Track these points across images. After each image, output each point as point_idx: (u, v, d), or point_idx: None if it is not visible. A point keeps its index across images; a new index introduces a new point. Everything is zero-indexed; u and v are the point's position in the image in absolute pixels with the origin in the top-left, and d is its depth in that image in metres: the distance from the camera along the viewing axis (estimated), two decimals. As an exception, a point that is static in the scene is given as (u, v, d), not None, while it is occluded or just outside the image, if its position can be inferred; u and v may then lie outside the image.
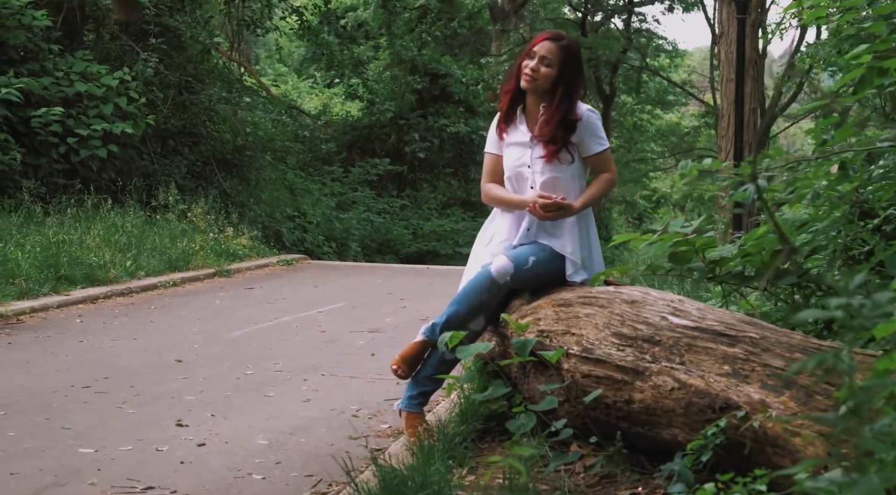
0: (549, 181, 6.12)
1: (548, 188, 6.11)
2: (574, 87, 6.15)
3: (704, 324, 4.96)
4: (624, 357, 5.15)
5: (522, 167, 6.20)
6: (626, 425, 5.17)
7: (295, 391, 8.05)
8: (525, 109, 6.30)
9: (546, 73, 6.11)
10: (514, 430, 5.43)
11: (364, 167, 29.56)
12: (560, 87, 6.13)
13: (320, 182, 27.78)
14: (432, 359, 6.11)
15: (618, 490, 4.96)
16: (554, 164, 6.12)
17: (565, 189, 6.13)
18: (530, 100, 6.26)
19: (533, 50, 6.14)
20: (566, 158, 6.14)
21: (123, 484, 5.62)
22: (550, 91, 6.15)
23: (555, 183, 6.12)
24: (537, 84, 6.13)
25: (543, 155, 6.12)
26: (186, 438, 6.58)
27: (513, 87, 6.27)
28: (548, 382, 5.59)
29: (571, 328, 5.57)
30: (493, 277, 5.98)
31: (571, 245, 6.09)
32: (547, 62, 6.10)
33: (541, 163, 6.14)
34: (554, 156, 6.12)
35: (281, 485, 5.73)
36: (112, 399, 7.58)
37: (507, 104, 6.32)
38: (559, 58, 6.10)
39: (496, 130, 6.38)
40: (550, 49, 6.11)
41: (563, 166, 6.12)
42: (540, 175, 6.13)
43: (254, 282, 15.31)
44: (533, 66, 6.09)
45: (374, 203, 28.54)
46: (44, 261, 12.75)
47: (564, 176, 6.13)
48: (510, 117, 6.33)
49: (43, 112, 16.08)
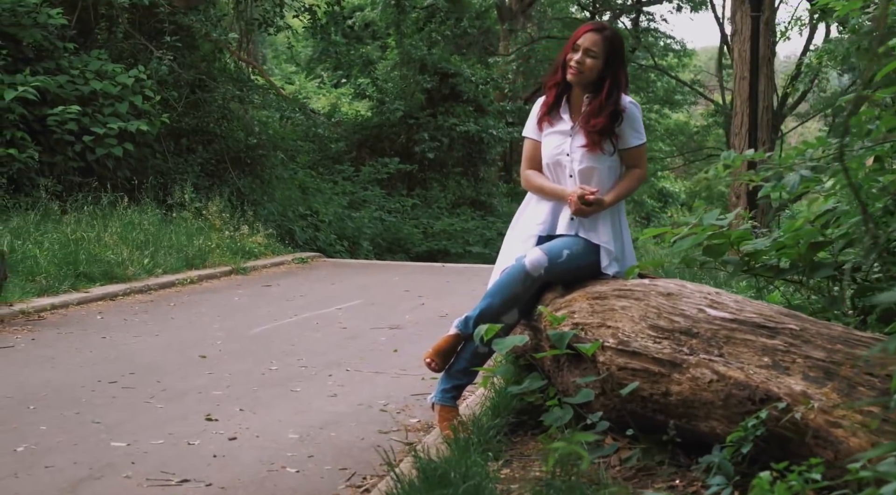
0: (586, 170, 6.11)
1: (585, 178, 6.12)
2: (619, 78, 6.15)
3: (743, 316, 4.94)
4: (661, 349, 5.14)
5: (561, 155, 6.19)
6: (663, 417, 5.16)
7: (321, 386, 8.06)
8: (569, 99, 6.30)
9: (591, 65, 6.10)
10: (550, 423, 5.43)
11: (374, 166, 29.54)
12: (607, 78, 6.13)
13: (331, 181, 27.76)
14: (465, 352, 6.11)
15: (655, 482, 4.95)
16: (595, 154, 6.11)
17: (602, 180, 6.13)
18: (575, 91, 6.26)
19: (577, 43, 6.13)
20: (608, 149, 6.14)
21: (158, 477, 5.63)
22: (595, 82, 6.15)
23: (592, 173, 6.12)
24: (583, 76, 6.12)
25: (585, 144, 6.11)
26: (217, 432, 6.59)
27: (559, 80, 6.25)
28: (582, 375, 5.58)
29: (607, 321, 5.56)
30: (528, 270, 5.97)
31: (606, 236, 6.09)
32: (592, 54, 6.10)
33: (581, 153, 6.12)
34: (597, 145, 6.12)
35: (315, 479, 5.73)
36: (139, 394, 7.60)
37: (554, 98, 6.31)
38: (604, 49, 6.09)
39: (537, 119, 6.37)
40: (595, 41, 6.11)
41: (602, 157, 6.12)
42: (578, 164, 6.13)
43: (271, 280, 15.32)
44: (578, 59, 6.09)
45: (384, 202, 28.52)
46: (63, 258, 12.77)
47: (602, 167, 6.13)
48: (554, 108, 6.32)
49: (59, 110, 16.08)
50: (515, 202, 33.67)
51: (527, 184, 6.42)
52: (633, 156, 6.21)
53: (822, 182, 4.83)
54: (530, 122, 6.41)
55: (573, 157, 6.15)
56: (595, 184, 6.10)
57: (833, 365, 4.42)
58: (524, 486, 4.73)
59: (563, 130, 6.23)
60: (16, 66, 16.27)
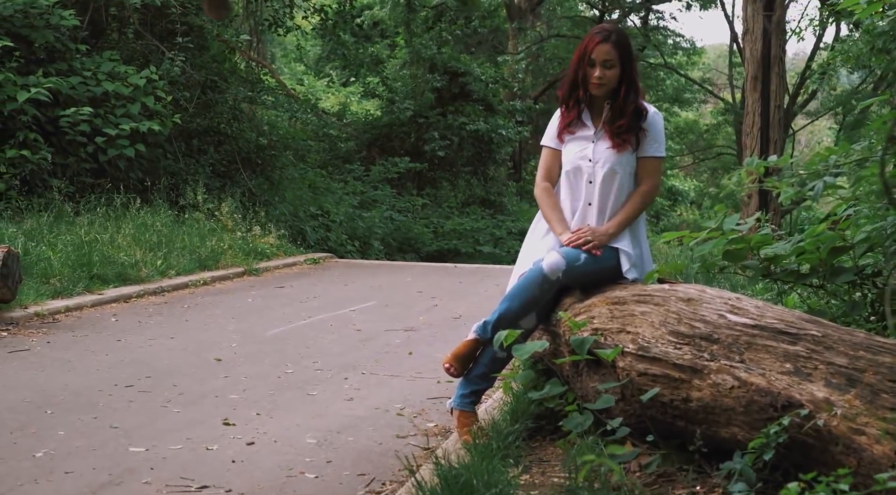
0: (608, 175, 6.09)
1: (606, 183, 6.09)
2: (634, 78, 6.15)
3: (764, 322, 4.93)
4: (681, 355, 5.12)
5: (583, 161, 6.17)
6: (683, 423, 5.14)
7: (337, 389, 8.06)
8: (590, 107, 6.28)
9: (612, 75, 6.09)
10: (570, 429, 5.42)
11: (384, 165, 29.55)
12: (623, 82, 6.13)
13: (342, 181, 27.77)
14: (484, 357, 6.10)
15: (675, 488, 4.94)
16: (622, 155, 6.09)
17: (622, 187, 6.12)
18: (595, 100, 6.25)
19: (591, 57, 6.11)
20: (634, 143, 6.11)
21: (178, 483, 5.63)
22: (617, 88, 6.15)
23: (613, 179, 6.10)
24: (607, 87, 6.12)
25: (612, 145, 6.09)
26: (235, 437, 6.60)
27: (580, 97, 6.23)
28: (602, 381, 5.57)
29: (626, 326, 5.54)
30: (546, 273, 5.96)
31: (625, 240, 6.08)
32: (609, 64, 6.08)
33: (606, 155, 6.10)
34: (626, 143, 6.10)
35: (334, 484, 5.73)
36: (156, 398, 7.61)
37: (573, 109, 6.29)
38: (618, 55, 6.08)
39: (557, 130, 6.35)
40: (607, 50, 6.08)
41: (626, 158, 6.10)
42: (602, 168, 6.10)
43: (284, 281, 15.34)
44: (598, 74, 6.06)
45: (394, 201, 28.53)
46: (76, 260, 12.80)
47: (624, 173, 6.11)
48: (575, 120, 6.30)
49: (72, 111, 16.10)
50: (525, 201, 33.75)
51: (538, 200, 6.41)
52: (649, 167, 6.18)
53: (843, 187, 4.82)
54: (550, 132, 6.39)
55: (596, 162, 6.13)
56: (615, 191, 6.10)
57: (856, 371, 4.40)
58: (545, 492, 4.72)
59: (587, 136, 6.21)
60: (28, 68, 16.32)
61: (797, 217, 26.90)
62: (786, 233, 6.27)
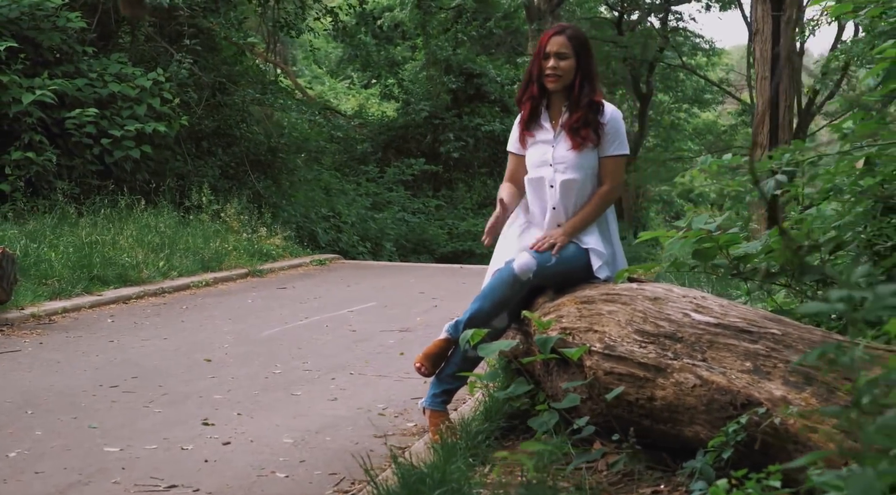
0: (567, 182, 6.08)
1: (567, 186, 6.08)
2: (590, 71, 6.14)
3: (727, 321, 4.92)
4: (646, 354, 5.12)
5: (544, 165, 6.17)
6: (649, 422, 5.15)
7: (322, 390, 8.06)
8: (548, 107, 6.28)
9: (567, 66, 6.09)
10: (536, 428, 5.43)
11: (399, 167, 29.58)
12: (578, 75, 6.12)
13: (355, 182, 27.80)
14: (456, 356, 6.11)
15: (640, 487, 4.93)
16: (582, 154, 6.07)
17: (584, 188, 6.12)
18: (553, 99, 6.25)
19: (546, 50, 6.12)
20: (594, 139, 6.10)
21: (147, 483, 5.64)
22: (572, 83, 6.14)
23: (574, 181, 6.09)
24: (563, 80, 6.11)
25: (571, 146, 6.09)
26: (212, 437, 6.60)
27: (535, 93, 6.24)
28: (571, 380, 5.57)
29: (594, 325, 5.54)
30: (517, 274, 5.97)
31: (595, 239, 6.07)
32: (563, 55, 6.09)
33: (566, 160, 6.10)
34: (586, 140, 6.09)
35: (304, 484, 5.73)
36: (140, 398, 7.61)
37: (530, 111, 6.29)
38: (573, 47, 6.09)
39: (518, 134, 6.36)
40: (562, 43, 6.11)
41: (586, 159, 6.08)
42: (562, 174, 6.10)
43: (287, 282, 15.35)
44: (552, 65, 6.08)
45: (409, 203, 28.54)
46: (77, 261, 12.82)
47: (585, 175, 6.10)
48: (534, 120, 6.30)
49: (77, 113, 16.15)
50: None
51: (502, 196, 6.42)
52: (609, 167, 6.16)
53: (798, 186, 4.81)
54: (512, 137, 6.41)
55: (556, 166, 6.13)
56: (576, 194, 6.10)
57: (813, 369, 4.39)
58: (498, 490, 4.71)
59: (546, 140, 6.21)
60: (35, 70, 16.36)
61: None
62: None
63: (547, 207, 6.18)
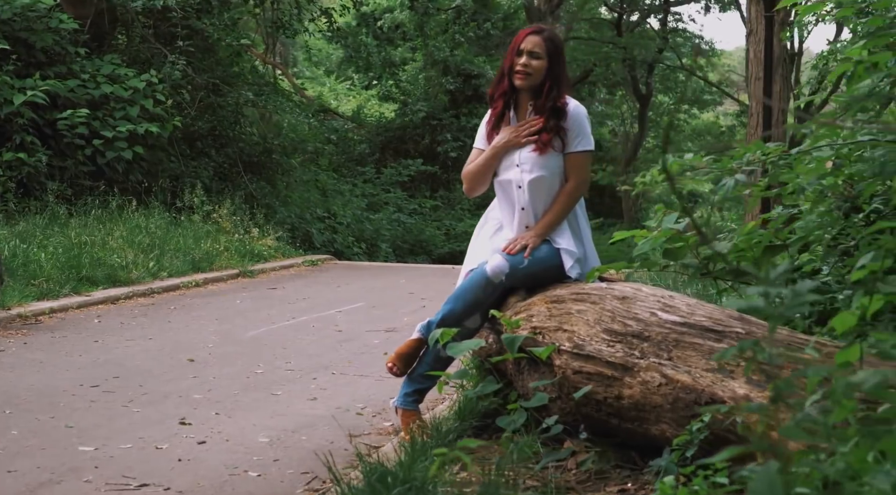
0: (535, 181, 6.11)
1: (535, 188, 6.11)
2: (560, 76, 6.17)
3: (693, 320, 4.95)
4: (614, 353, 5.15)
5: (510, 166, 6.20)
6: (617, 421, 5.17)
7: (303, 389, 8.08)
8: (516, 107, 6.31)
9: (538, 66, 6.12)
10: (504, 426, 5.45)
11: (396, 168, 29.60)
12: (548, 78, 6.14)
13: (351, 183, 27.82)
14: (428, 356, 6.12)
15: (608, 485, 4.96)
16: (546, 156, 6.10)
17: (551, 188, 6.15)
18: (521, 98, 6.27)
19: (520, 47, 6.15)
20: (558, 145, 6.13)
21: (118, 482, 5.65)
22: (541, 85, 6.17)
23: (541, 183, 6.12)
24: (531, 79, 6.13)
25: (535, 148, 6.12)
26: (188, 436, 6.61)
27: (506, 89, 6.27)
28: (542, 379, 5.59)
29: (563, 324, 5.57)
30: (489, 276, 6.01)
31: (566, 239, 6.10)
32: (536, 55, 6.12)
33: (531, 160, 6.13)
34: (547, 145, 6.12)
35: (276, 482, 5.74)
36: (119, 398, 7.63)
37: (501, 106, 6.32)
38: (547, 49, 6.12)
39: (486, 131, 6.39)
40: (537, 42, 6.14)
41: (552, 159, 6.11)
42: (529, 174, 6.13)
43: (277, 283, 15.37)
44: (524, 62, 6.10)
45: (405, 203, 28.54)
46: (66, 262, 12.83)
47: (551, 174, 6.13)
48: (502, 118, 6.33)
49: (69, 114, 16.20)
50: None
51: (465, 176, 6.45)
52: (573, 163, 6.17)
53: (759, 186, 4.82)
54: (480, 133, 6.44)
55: (523, 168, 6.16)
56: (544, 194, 6.13)
57: (775, 368, 4.40)
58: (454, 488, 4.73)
59: None
60: (27, 71, 16.39)
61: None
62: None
63: (516, 208, 6.21)
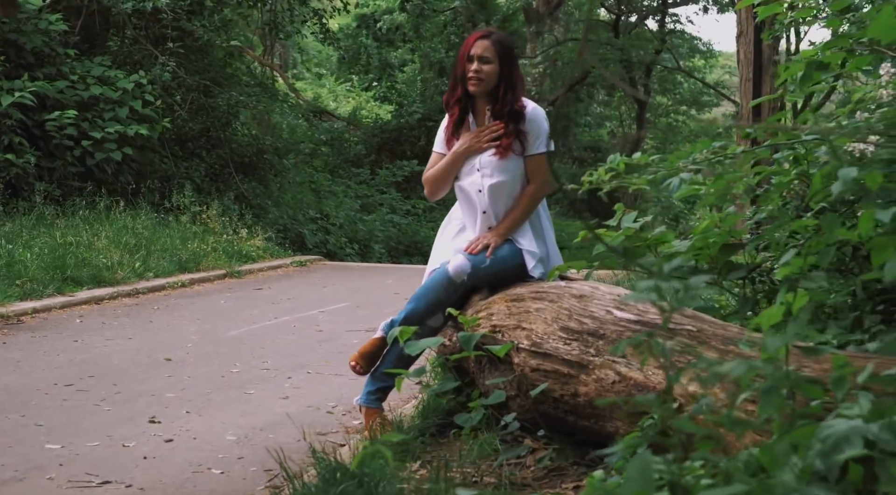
0: (496, 185, 6.16)
1: (495, 192, 6.16)
2: (514, 78, 6.19)
3: (647, 318, 4.99)
4: (570, 351, 5.20)
5: (472, 172, 6.24)
6: (574, 418, 5.21)
7: (276, 388, 8.11)
8: (474, 112, 6.34)
9: (489, 70, 6.15)
10: (462, 424, 5.50)
11: (391, 169, 29.66)
12: (501, 81, 6.17)
13: (345, 184, 27.86)
14: (391, 355, 6.18)
15: (564, 482, 4.99)
16: (506, 160, 6.14)
17: (512, 191, 6.20)
18: (478, 104, 6.31)
19: (470, 53, 6.18)
20: (518, 149, 6.17)
21: (81, 479, 5.68)
22: (495, 88, 6.20)
23: (501, 187, 6.16)
24: (484, 84, 6.17)
25: (495, 152, 6.16)
26: (156, 434, 6.64)
27: (460, 95, 6.30)
28: (502, 377, 5.64)
29: (522, 322, 5.62)
30: (451, 276, 6.07)
31: (528, 239, 6.14)
32: (486, 59, 6.15)
33: (491, 164, 6.17)
34: (508, 149, 6.16)
35: (238, 479, 5.77)
36: (92, 396, 7.66)
37: (458, 112, 6.35)
38: (496, 52, 6.15)
39: (446, 137, 6.42)
40: (486, 47, 6.17)
41: (512, 163, 6.15)
42: (489, 178, 6.17)
43: (264, 283, 15.40)
44: (475, 68, 6.13)
45: (399, 204, 28.56)
46: (51, 262, 12.86)
47: (511, 177, 6.17)
48: (461, 124, 6.36)
49: (57, 115, 16.25)
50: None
51: (426, 181, 6.48)
52: (533, 165, 6.22)
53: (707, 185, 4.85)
54: (439, 137, 6.47)
55: (483, 172, 6.20)
56: (504, 197, 6.18)
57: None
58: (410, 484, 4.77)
59: None
60: (16, 72, 16.44)
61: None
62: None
63: (477, 212, 6.25)
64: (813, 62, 4.98)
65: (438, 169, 6.38)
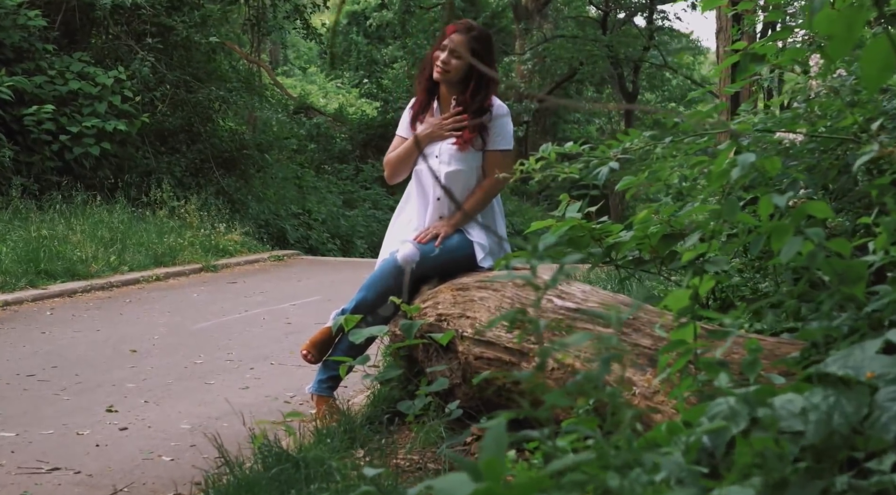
0: (452, 174, 6.22)
1: (450, 181, 6.21)
2: (487, 76, 6.23)
3: (586, 306, 5.07)
4: (511, 339, 5.28)
5: (430, 158, 6.29)
6: (517, 406, 5.27)
7: (237, 379, 8.17)
8: (440, 99, 6.40)
9: (456, 65, 6.19)
10: (405, 411, 5.58)
11: (375, 165, 29.72)
12: (472, 77, 6.22)
13: (328, 180, 27.89)
14: (342, 343, 6.23)
15: (506, 469, 5.04)
16: (465, 152, 6.21)
17: (466, 183, 6.25)
18: (444, 90, 6.36)
19: (444, 42, 6.23)
20: (478, 144, 6.23)
21: (31, 466, 5.74)
22: (463, 81, 6.25)
23: (457, 176, 6.22)
24: (449, 76, 6.22)
25: (455, 142, 6.20)
26: (111, 423, 6.70)
27: (427, 78, 6.36)
28: (446, 364, 5.72)
29: (467, 311, 5.69)
30: (399, 265, 6.13)
31: (478, 231, 6.20)
32: (456, 54, 6.18)
33: (449, 152, 6.23)
34: (468, 143, 6.22)
35: (186, 467, 5.82)
36: (53, 386, 7.71)
37: (424, 95, 6.42)
38: (471, 50, 6.17)
39: (409, 118, 6.48)
40: (460, 42, 6.19)
41: (469, 158, 6.21)
42: (446, 166, 6.23)
43: (238, 278, 15.43)
44: (444, 59, 6.18)
45: (383, 200, 28.59)
46: (24, 255, 12.89)
47: (469, 169, 6.23)
48: (426, 107, 6.43)
49: (34, 110, 16.29)
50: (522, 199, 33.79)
51: (387, 163, 6.54)
52: (492, 161, 6.26)
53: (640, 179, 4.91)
54: (403, 121, 6.53)
55: (441, 159, 6.26)
56: (460, 187, 6.24)
57: (657, 352, 4.52)
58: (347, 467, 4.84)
59: None
60: (-6, 68, 16.49)
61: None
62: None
63: (431, 198, 6.31)
64: (748, 54, 5.03)
65: (399, 153, 6.44)
